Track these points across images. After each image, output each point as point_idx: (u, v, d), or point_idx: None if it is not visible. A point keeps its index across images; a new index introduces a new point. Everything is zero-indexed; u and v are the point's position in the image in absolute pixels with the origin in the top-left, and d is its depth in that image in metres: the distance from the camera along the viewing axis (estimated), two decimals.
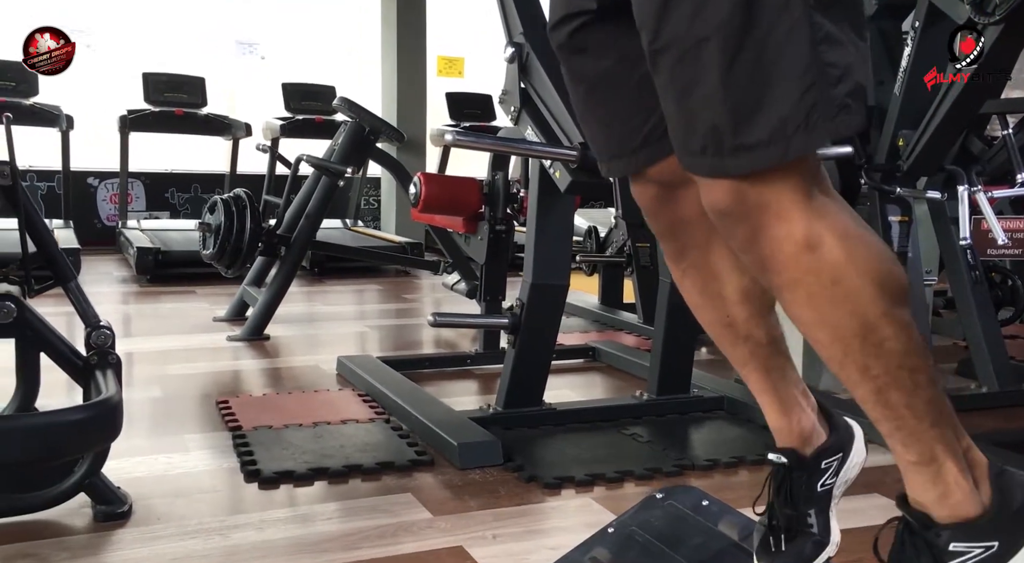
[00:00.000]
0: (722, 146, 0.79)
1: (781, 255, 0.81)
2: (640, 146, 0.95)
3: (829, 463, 1.00)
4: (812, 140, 0.78)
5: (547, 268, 2.10)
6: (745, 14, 0.77)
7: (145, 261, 4.28)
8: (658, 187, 0.98)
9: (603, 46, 0.94)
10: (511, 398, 2.13)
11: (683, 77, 0.80)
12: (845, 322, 0.82)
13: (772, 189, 0.80)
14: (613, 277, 3.76)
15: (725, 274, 1.00)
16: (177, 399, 2.38)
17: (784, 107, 0.78)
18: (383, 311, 4.00)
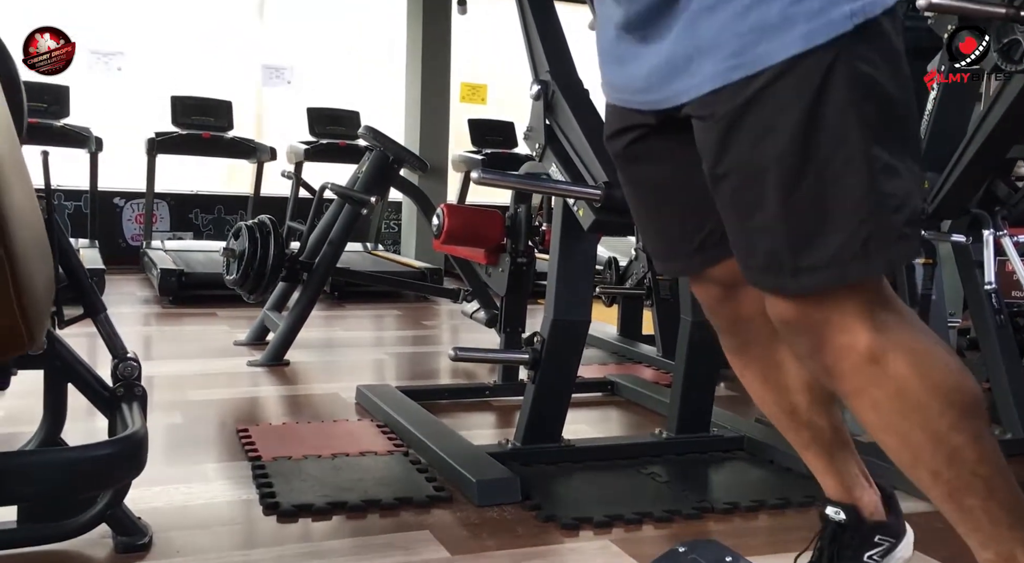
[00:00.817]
0: (782, 267, 0.82)
1: (844, 365, 0.83)
2: (697, 250, 0.97)
3: (883, 540, 0.99)
4: (869, 267, 0.81)
5: (569, 304, 2.11)
6: (804, 145, 0.80)
7: (168, 282, 4.33)
8: (719, 287, 1.00)
9: (660, 156, 0.96)
10: (530, 434, 2.12)
11: (743, 202, 0.83)
12: (913, 432, 0.83)
13: (834, 306, 0.82)
14: (632, 308, 3.76)
15: (787, 364, 1.01)
16: (198, 426, 2.39)
17: (841, 236, 0.80)
18: (402, 338, 4.01)
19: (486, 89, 6.76)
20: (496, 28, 6.83)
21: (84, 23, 5.62)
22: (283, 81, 6.15)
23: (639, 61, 0.91)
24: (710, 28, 0.83)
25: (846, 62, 0.81)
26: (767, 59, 0.81)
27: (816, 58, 0.81)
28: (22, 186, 0.85)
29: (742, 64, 0.82)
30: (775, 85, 0.81)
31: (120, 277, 4.93)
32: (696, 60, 0.85)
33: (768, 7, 0.81)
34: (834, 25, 0.81)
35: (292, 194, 3.64)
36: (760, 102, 0.81)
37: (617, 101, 0.97)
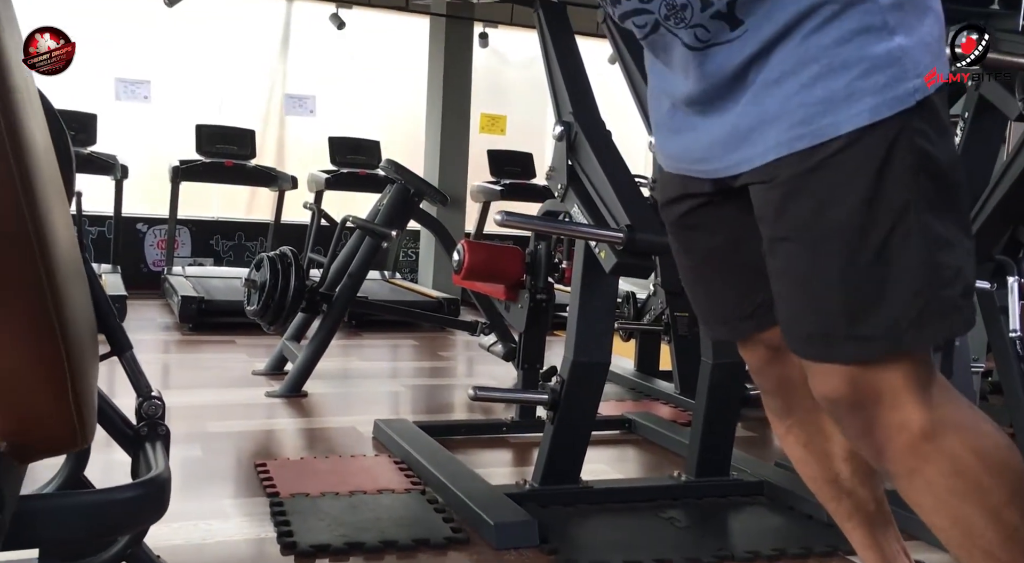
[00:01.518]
0: (831, 336, 0.82)
1: (897, 445, 0.83)
2: (749, 317, 0.98)
3: None
4: (923, 338, 0.81)
5: (589, 345, 2.11)
6: (866, 216, 0.81)
7: (188, 310, 4.36)
8: (768, 349, 1.01)
9: (715, 225, 0.97)
10: (548, 475, 2.11)
11: (799, 268, 0.84)
12: (968, 512, 0.83)
13: (885, 379, 0.82)
14: (650, 344, 3.74)
15: (831, 431, 1.01)
16: (216, 459, 2.40)
17: (897, 307, 0.81)
18: (418, 369, 4.01)
19: (505, 120, 6.81)
20: (516, 59, 6.89)
21: (113, 52, 5.72)
22: (306, 110, 6.22)
23: (698, 132, 0.92)
24: (775, 99, 0.85)
25: (908, 136, 0.83)
26: (833, 130, 0.83)
27: (882, 131, 0.83)
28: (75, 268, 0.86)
29: (808, 133, 0.84)
30: (840, 155, 0.83)
31: (141, 302, 4.97)
32: (759, 130, 0.86)
33: (835, 80, 0.83)
34: (899, 100, 0.83)
35: (313, 224, 3.67)
36: (824, 171, 0.83)
37: (673, 169, 0.99)
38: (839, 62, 0.83)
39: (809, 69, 0.84)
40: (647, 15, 0.90)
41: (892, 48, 0.83)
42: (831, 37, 0.84)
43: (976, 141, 2.15)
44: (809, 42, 0.84)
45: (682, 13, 0.87)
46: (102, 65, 5.65)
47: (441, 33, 5.91)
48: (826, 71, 0.83)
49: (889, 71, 0.83)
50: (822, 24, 0.84)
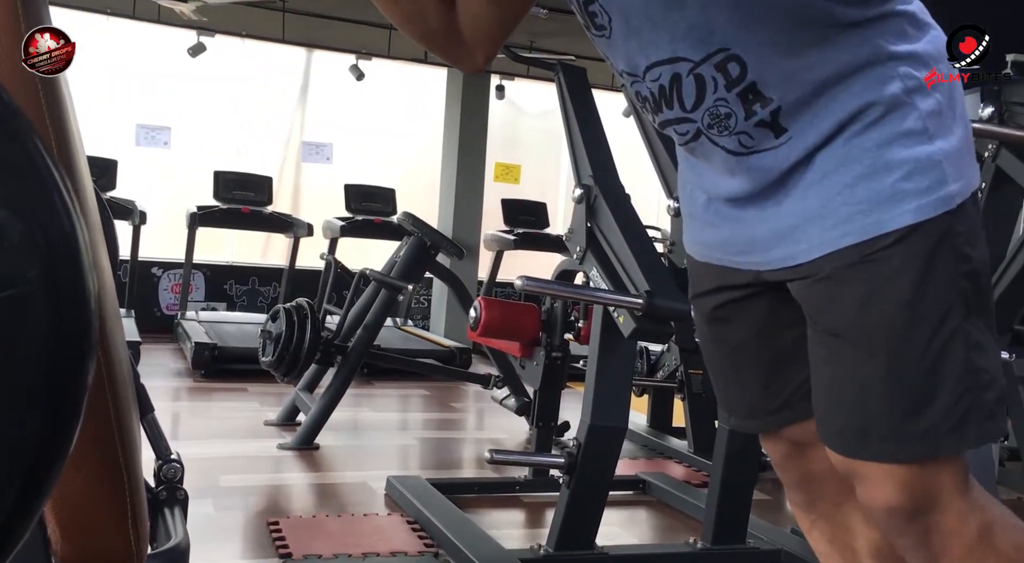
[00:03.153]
0: (869, 431, 0.83)
1: (956, 550, 0.83)
2: (778, 409, 0.98)
3: None
4: (962, 444, 0.82)
5: (606, 409, 2.10)
6: (911, 316, 0.82)
7: (201, 356, 4.37)
8: (789, 445, 1.01)
9: (748, 318, 0.98)
10: (563, 540, 2.09)
11: (842, 360, 0.84)
12: None
13: (939, 482, 0.84)
14: (663, 400, 3.72)
15: (857, 527, 1.00)
16: (228, 516, 2.39)
17: (940, 411, 0.81)
18: (430, 421, 4.00)
19: (520, 169, 6.88)
20: (532, 109, 6.98)
21: (133, 97, 5.83)
22: (323, 157, 6.30)
23: (739, 225, 0.93)
24: (818, 198, 0.87)
25: (951, 238, 0.84)
26: (877, 228, 0.84)
27: (925, 231, 0.84)
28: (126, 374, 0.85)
29: (852, 231, 0.85)
30: (885, 252, 0.84)
31: (153, 347, 4.99)
32: (803, 228, 0.87)
33: (880, 181, 0.85)
34: (943, 202, 0.85)
35: (328, 275, 3.70)
36: (869, 266, 0.84)
37: (710, 259, 0.99)
38: (882, 163, 0.84)
39: (852, 169, 0.85)
40: (689, 124, 0.91)
41: (933, 152, 0.85)
42: (873, 140, 0.85)
43: (993, 213, 2.16)
44: (852, 144, 0.86)
45: (726, 122, 0.89)
46: (123, 111, 5.75)
47: (458, 85, 6.01)
48: (870, 171, 0.85)
49: (932, 174, 0.84)
50: (865, 128, 0.85)
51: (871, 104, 0.85)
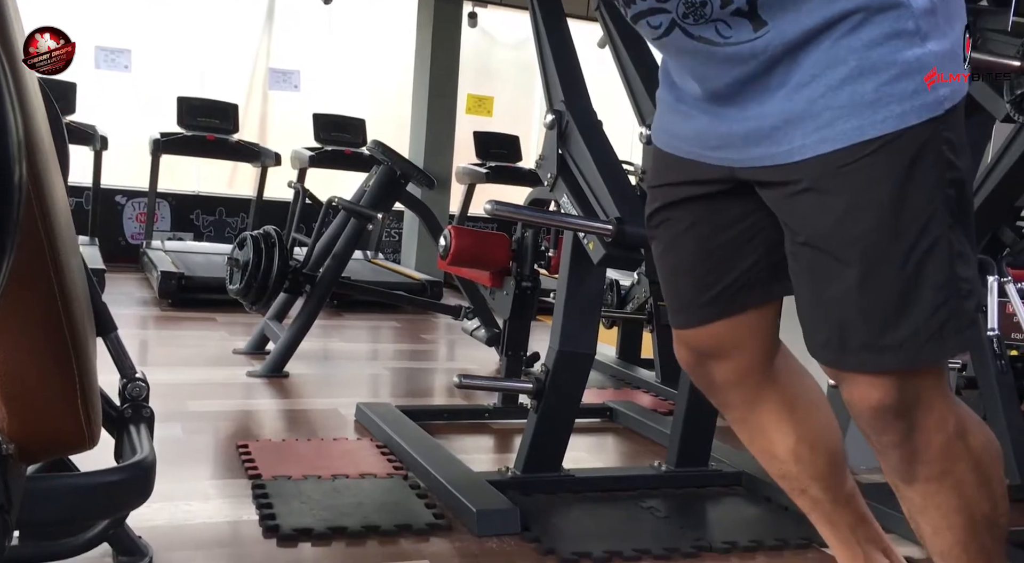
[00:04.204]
0: (847, 343, 0.83)
1: (935, 447, 0.85)
2: (707, 303, 0.98)
3: None
4: (942, 352, 0.82)
5: (575, 336, 2.11)
6: (891, 226, 0.81)
7: (168, 285, 4.32)
8: (693, 354, 1.01)
9: (699, 212, 0.97)
10: (530, 463, 2.13)
11: (822, 273, 0.84)
12: (983, 503, 0.86)
13: (926, 384, 0.85)
14: (632, 332, 3.76)
15: (771, 433, 1.02)
16: (197, 439, 2.39)
17: (920, 319, 0.81)
18: (400, 352, 4.01)
19: (492, 101, 6.77)
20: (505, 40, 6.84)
21: (91, 18, 5.61)
22: (290, 85, 6.15)
23: (715, 120, 0.90)
24: (802, 100, 0.84)
25: (936, 145, 0.83)
26: (859, 134, 0.82)
27: (909, 138, 0.82)
28: (76, 260, 0.84)
29: (834, 137, 0.83)
30: (865, 160, 0.82)
31: (119, 276, 4.92)
32: (784, 130, 0.85)
33: (863, 84, 0.82)
34: (928, 108, 0.82)
35: (297, 204, 3.64)
36: (848, 176, 0.82)
37: (680, 152, 0.96)
38: (868, 65, 0.82)
39: (837, 71, 0.82)
40: (663, 15, 0.88)
41: (923, 54, 0.82)
42: (862, 40, 0.82)
43: None
44: (840, 44, 0.83)
45: (701, 10, 0.85)
46: (81, 32, 5.54)
47: (429, 10, 5.85)
48: (855, 74, 0.82)
49: (919, 77, 0.82)
50: (854, 28, 0.82)
51: (861, 3, 0.83)
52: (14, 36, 0.75)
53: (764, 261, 0.92)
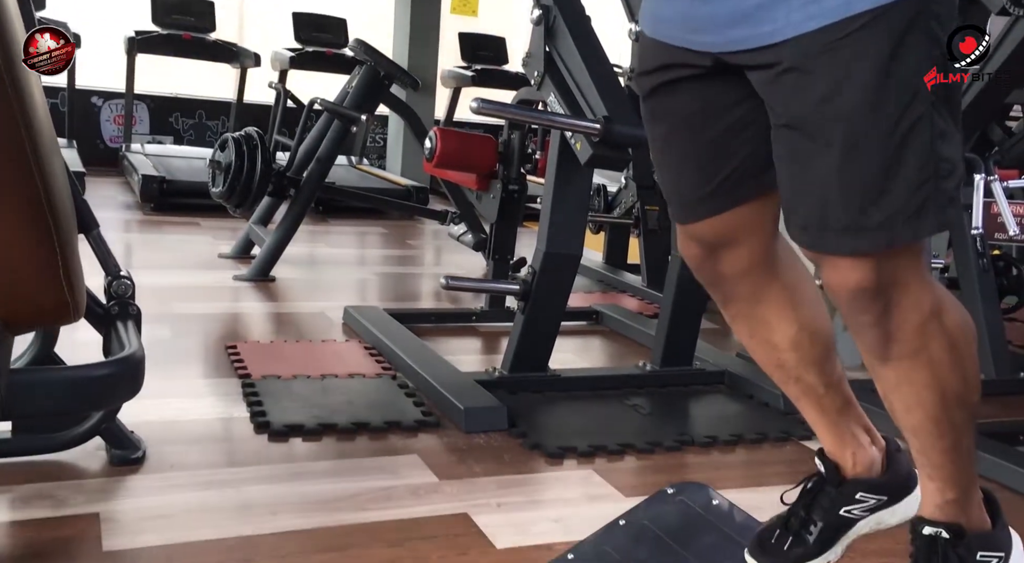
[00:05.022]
0: (826, 224, 0.82)
1: (910, 327, 0.85)
2: (706, 197, 0.96)
3: (865, 497, 1.02)
4: (920, 231, 0.82)
5: (562, 238, 2.11)
6: (873, 107, 0.79)
7: (150, 189, 4.26)
8: (702, 247, 1.00)
9: (689, 99, 0.94)
10: (517, 363, 2.16)
11: (803, 155, 0.82)
12: (955, 380, 0.88)
13: (903, 266, 0.84)
14: (619, 237, 3.77)
15: (774, 323, 1.02)
16: (186, 340, 2.40)
17: (899, 199, 0.80)
18: (387, 257, 4.01)
19: (477, 1, 6.56)
20: None
21: None
22: None
23: (697, 1, 0.88)
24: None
25: (925, 20, 0.80)
26: (847, 9, 0.79)
27: (897, 13, 0.79)
28: (54, 145, 0.83)
29: (820, 13, 0.80)
30: (851, 37, 0.79)
31: (99, 180, 4.84)
32: (767, 7, 0.82)
33: None
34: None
35: (280, 108, 3.56)
36: (833, 54, 0.80)
37: (664, 37, 0.93)
38: None
39: None
40: None
41: None
42: None
43: None
44: None
45: None
46: None
47: None
48: None
49: None
50: None
51: None
52: None
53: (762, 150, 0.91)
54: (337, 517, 1.47)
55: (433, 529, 1.45)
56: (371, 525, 1.45)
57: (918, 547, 0.92)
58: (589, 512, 1.49)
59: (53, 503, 1.45)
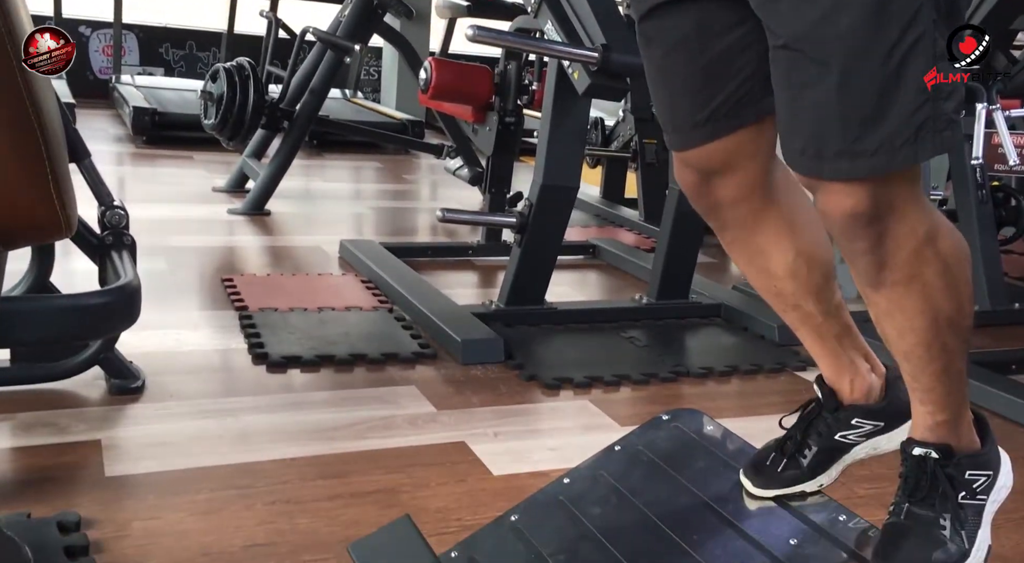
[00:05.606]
0: (823, 149, 0.80)
1: (904, 252, 0.84)
2: (703, 122, 0.94)
3: (861, 423, 1.03)
4: (919, 154, 0.80)
5: (559, 169, 2.09)
6: (874, 25, 0.76)
7: (141, 121, 4.20)
8: (697, 174, 0.98)
9: (691, 17, 0.91)
10: (514, 296, 2.16)
11: (801, 77, 0.80)
12: (948, 305, 0.87)
13: (899, 191, 0.83)
14: (617, 171, 3.74)
15: (771, 250, 1.01)
16: (182, 273, 2.40)
17: (897, 121, 0.78)
18: (382, 191, 3.98)
19: None
20: None
21: None
22: None
23: None
24: None
25: None
26: None
27: None
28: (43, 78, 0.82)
29: None
30: None
31: (89, 112, 4.76)
32: None
33: None
34: None
35: (270, 35, 3.48)
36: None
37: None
38: None
39: None
40: None
41: None
42: None
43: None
44: None
45: None
46: None
47: None
48: None
49: None
50: None
51: None
52: None
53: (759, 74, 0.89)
54: (336, 445, 1.49)
55: (432, 457, 1.47)
56: (370, 453, 1.47)
57: (908, 467, 0.93)
58: (585, 441, 1.51)
59: (54, 430, 1.46)
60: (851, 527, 0.92)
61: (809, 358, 2.04)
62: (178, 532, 1.20)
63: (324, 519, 1.26)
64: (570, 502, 1.01)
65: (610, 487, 1.02)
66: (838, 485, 1.05)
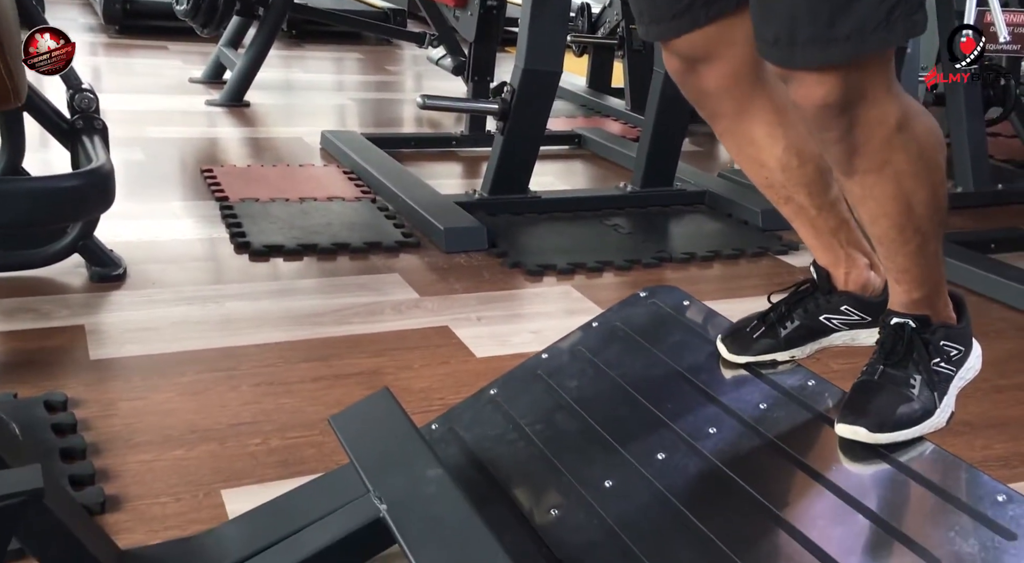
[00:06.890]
0: (795, 38, 0.78)
1: (876, 139, 0.84)
2: (680, 12, 0.91)
3: (849, 312, 1.04)
4: (890, 38, 0.78)
5: (541, 53, 2.04)
6: None
7: (113, 10, 4.04)
8: (682, 61, 0.96)
9: None
10: (497, 184, 2.14)
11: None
12: (920, 191, 0.87)
13: (870, 78, 0.81)
14: (603, 60, 3.65)
15: (761, 140, 1.00)
16: (160, 163, 2.36)
17: (868, 5, 0.76)
18: (364, 83, 3.88)
19: None
20: None
21: None
22: None
23: None
24: None
25: None
26: None
27: None
28: None
29: None
30: None
31: (58, 1, 4.58)
32: None
33: None
34: None
35: None
36: None
37: None
38: None
39: None
40: None
41: None
42: None
43: None
44: None
45: None
46: None
47: None
48: None
49: None
50: None
51: None
52: None
53: None
54: (320, 330, 1.50)
55: (415, 341, 1.49)
56: (354, 337, 1.49)
57: (886, 335, 0.95)
58: (567, 324, 1.51)
59: (37, 316, 1.47)
60: (820, 391, 0.95)
61: (792, 242, 2.05)
62: (164, 411, 1.22)
63: (308, 399, 1.28)
64: (547, 375, 1.03)
65: (587, 360, 1.03)
66: (812, 360, 1.07)
